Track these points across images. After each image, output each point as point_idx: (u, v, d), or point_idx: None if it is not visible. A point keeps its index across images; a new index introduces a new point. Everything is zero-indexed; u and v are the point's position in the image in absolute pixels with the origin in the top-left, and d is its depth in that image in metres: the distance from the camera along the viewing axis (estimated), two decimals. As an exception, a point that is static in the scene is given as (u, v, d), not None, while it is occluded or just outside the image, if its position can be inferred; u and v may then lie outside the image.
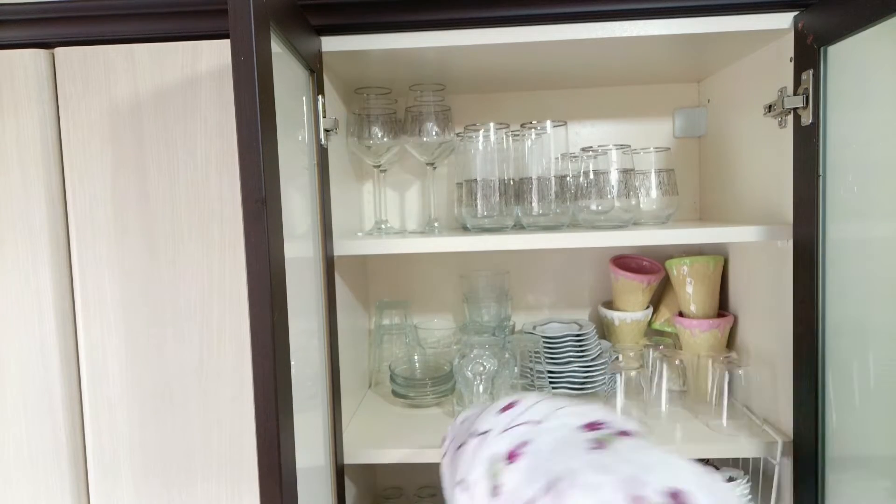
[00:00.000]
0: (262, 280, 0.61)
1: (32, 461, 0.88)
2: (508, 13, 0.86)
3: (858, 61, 0.73)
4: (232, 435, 0.87)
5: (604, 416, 0.56)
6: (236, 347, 0.86)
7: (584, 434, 0.52)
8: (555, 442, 0.50)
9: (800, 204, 0.84)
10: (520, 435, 0.52)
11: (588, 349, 1.13)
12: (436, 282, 1.30)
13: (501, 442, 0.52)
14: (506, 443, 0.52)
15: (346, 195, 1.09)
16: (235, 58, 0.59)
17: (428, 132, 1.01)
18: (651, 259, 1.22)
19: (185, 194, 0.85)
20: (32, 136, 0.85)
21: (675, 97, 1.24)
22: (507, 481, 0.49)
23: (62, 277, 0.87)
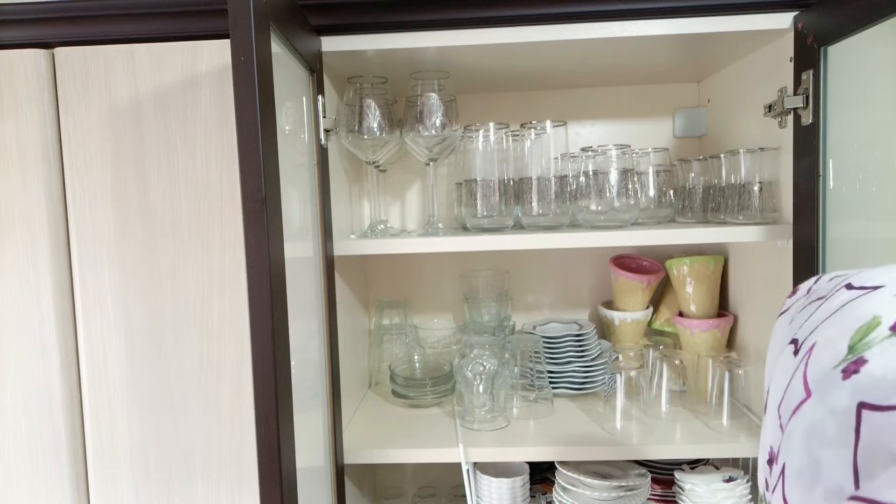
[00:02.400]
0: (262, 280, 0.61)
1: (32, 461, 0.88)
2: (508, 13, 0.86)
3: (858, 61, 0.73)
4: (232, 435, 0.87)
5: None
6: (236, 347, 0.86)
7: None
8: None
9: (800, 204, 0.84)
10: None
11: (588, 349, 1.13)
12: (436, 282, 1.30)
13: (892, 306, 0.31)
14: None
15: (346, 195, 1.08)
16: (235, 58, 0.59)
17: (431, 125, 0.95)
18: (651, 259, 1.22)
19: (185, 194, 0.85)
20: (32, 136, 0.85)
21: (675, 97, 1.24)
22: (879, 360, 0.28)
23: (62, 277, 0.87)
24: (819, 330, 0.34)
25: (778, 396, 0.35)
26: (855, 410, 0.28)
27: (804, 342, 0.35)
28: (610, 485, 0.95)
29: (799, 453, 0.31)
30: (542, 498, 1.10)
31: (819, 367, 0.32)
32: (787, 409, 0.34)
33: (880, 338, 0.29)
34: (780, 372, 0.37)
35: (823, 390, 0.31)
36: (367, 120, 0.97)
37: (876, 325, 0.30)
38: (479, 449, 0.93)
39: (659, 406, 1.04)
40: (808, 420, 0.31)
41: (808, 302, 0.40)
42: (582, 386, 1.11)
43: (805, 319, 0.37)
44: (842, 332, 0.32)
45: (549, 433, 0.97)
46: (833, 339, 0.32)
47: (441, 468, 1.31)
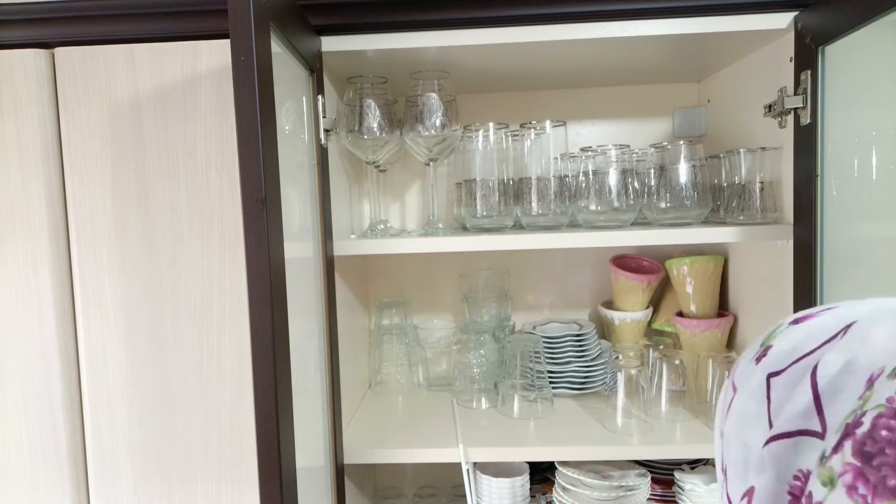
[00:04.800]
0: (262, 280, 0.61)
1: (32, 461, 0.88)
2: (508, 13, 0.86)
3: (856, 60, 0.73)
4: (232, 435, 0.87)
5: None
6: (236, 347, 0.86)
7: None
8: (875, 306, 0.32)
9: (800, 204, 0.84)
10: (825, 306, 0.35)
11: (588, 349, 1.13)
12: (436, 282, 1.30)
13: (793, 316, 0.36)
14: (801, 313, 0.36)
15: (346, 195, 1.08)
16: (235, 58, 0.59)
17: (431, 125, 0.95)
18: (651, 259, 1.22)
19: (185, 194, 0.85)
20: (32, 136, 0.85)
21: (675, 97, 1.24)
22: (780, 342, 0.33)
23: (62, 277, 0.87)
24: (738, 362, 0.38)
25: (720, 419, 0.38)
26: (765, 382, 0.33)
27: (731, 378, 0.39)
28: (610, 485, 0.95)
29: (735, 447, 0.34)
30: (542, 498, 1.10)
31: (740, 368, 0.36)
32: (722, 418, 0.36)
33: (781, 329, 0.35)
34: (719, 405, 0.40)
35: (744, 381, 0.35)
36: (367, 120, 0.97)
37: (779, 326, 0.36)
38: (479, 449, 0.93)
39: (659, 406, 1.04)
40: (737, 412, 0.34)
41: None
42: (582, 386, 1.11)
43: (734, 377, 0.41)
44: (756, 342, 0.37)
45: (549, 433, 0.97)
46: (751, 348, 0.37)
47: (441, 468, 1.31)
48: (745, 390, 0.34)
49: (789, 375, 0.31)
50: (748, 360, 0.36)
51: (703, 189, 0.95)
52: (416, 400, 1.17)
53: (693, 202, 0.94)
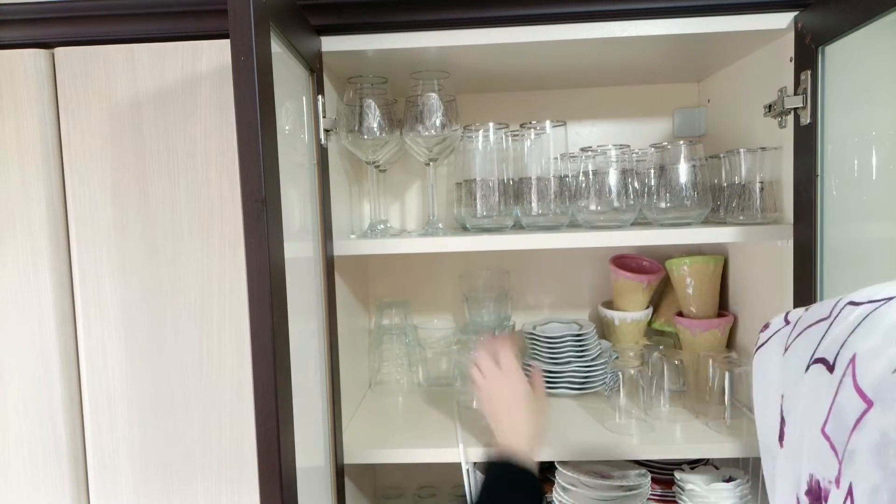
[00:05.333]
0: (262, 280, 0.61)
1: (32, 461, 0.88)
2: (508, 13, 0.86)
3: (856, 60, 0.73)
4: (232, 435, 0.87)
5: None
6: (236, 347, 0.86)
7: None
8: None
9: (800, 204, 0.84)
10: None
11: (588, 349, 1.13)
12: (436, 282, 1.30)
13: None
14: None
15: (346, 195, 1.08)
16: (235, 58, 0.59)
17: (431, 125, 0.95)
18: (651, 259, 1.22)
19: (185, 194, 0.85)
20: (32, 136, 0.85)
21: (675, 97, 1.24)
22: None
23: (62, 277, 0.87)
24: (850, 344, 0.33)
25: (818, 417, 0.34)
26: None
27: (837, 358, 0.34)
28: (610, 485, 0.95)
29: (871, 469, 0.29)
30: (542, 498, 1.10)
31: (874, 376, 0.31)
32: (841, 428, 0.32)
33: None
34: (808, 394, 0.35)
35: (888, 396, 0.29)
36: (367, 120, 0.97)
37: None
38: (479, 449, 0.93)
39: (659, 406, 1.04)
40: (876, 431, 0.29)
41: (802, 328, 0.39)
42: (582, 386, 1.11)
43: (817, 340, 0.36)
44: (885, 339, 0.31)
45: (549, 433, 0.97)
46: (879, 347, 0.31)
47: (441, 468, 1.31)
48: (890, 409, 0.29)
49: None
50: (886, 367, 0.30)
51: (703, 189, 0.95)
52: (416, 400, 1.17)
53: (693, 202, 0.94)
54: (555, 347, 1.12)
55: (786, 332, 0.41)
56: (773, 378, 0.41)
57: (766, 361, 0.42)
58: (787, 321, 0.42)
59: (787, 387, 0.38)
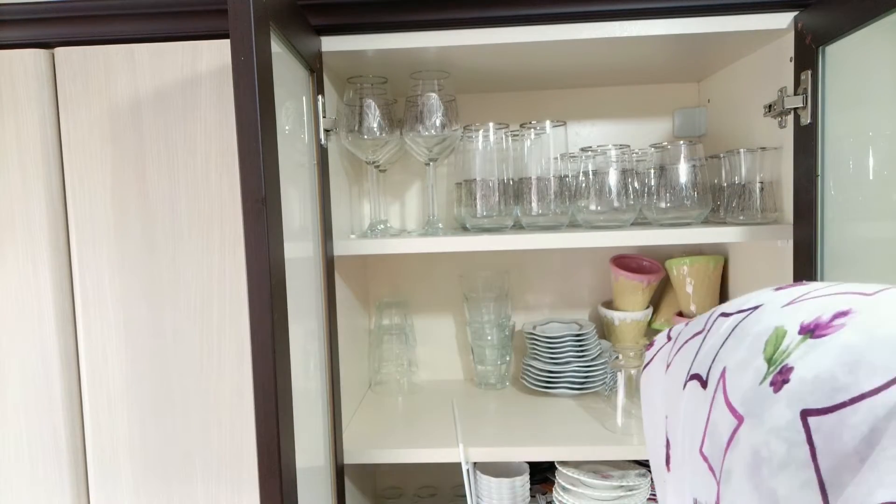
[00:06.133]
0: (262, 280, 0.61)
1: (32, 461, 0.88)
2: (508, 13, 0.86)
3: (856, 60, 0.73)
4: (232, 435, 0.87)
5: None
6: (236, 347, 0.86)
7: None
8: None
9: (800, 204, 0.84)
10: (832, 305, 0.29)
11: (588, 349, 1.13)
12: (436, 282, 1.30)
13: (791, 314, 0.30)
14: (802, 314, 0.29)
15: (346, 195, 1.09)
16: (235, 58, 0.59)
17: (431, 125, 0.95)
18: (651, 259, 1.22)
19: (185, 194, 0.85)
20: (32, 136, 0.85)
21: (675, 97, 1.24)
22: (805, 364, 0.26)
23: (62, 277, 0.87)
24: (721, 357, 0.32)
25: (696, 437, 0.32)
26: (800, 421, 0.26)
27: (710, 372, 0.32)
28: (610, 485, 0.95)
29: (747, 490, 0.27)
30: (542, 498, 1.10)
31: (742, 389, 0.29)
32: (717, 447, 0.30)
33: (794, 343, 0.28)
34: (686, 413, 0.33)
35: (757, 410, 0.28)
36: (367, 120, 0.97)
37: (782, 334, 0.29)
38: (479, 449, 0.93)
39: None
40: (748, 448, 0.28)
41: (680, 344, 0.37)
42: (582, 386, 1.11)
43: (693, 355, 0.35)
44: (751, 351, 0.30)
45: (549, 433, 0.97)
46: (745, 359, 0.30)
47: (441, 468, 1.31)
48: (760, 424, 0.28)
49: (845, 421, 0.24)
50: (753, 380, 0.29)
51: (703, 189, 0.95)
52: (416, 400, 1.17)
53: (693, 202, 0.94)
54: (555, 347, 1.12)
55: (667, 349, 0.39)
56: (657, 399, 0.39)
57: (651, 382, 0.40)
58: (669, 337, 0.41)
59: (670, 407, 0.37)
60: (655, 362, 0.40)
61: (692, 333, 0.37)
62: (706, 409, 0.32)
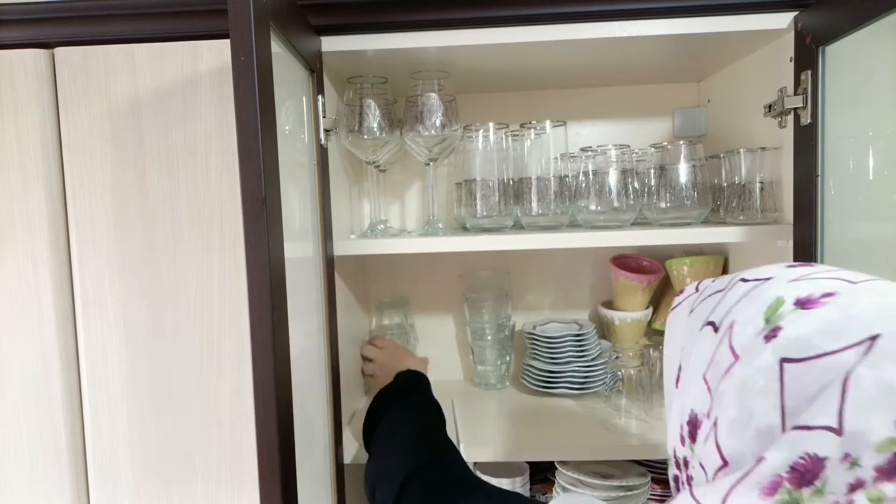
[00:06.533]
0: (262, 280, 0.61)
1: (32, 461, 0.88)
2: (508, 13, 0.86)
3: (856, 61, 0.73)
4: (232, 435, 0.87)
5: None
6: (236, 347, 0.86)
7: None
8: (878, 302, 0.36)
9: (800, 204, 0.84)
10: (823, 286, 0.39)
11: (588, 349, 1.13)
12: (436, 282, 1.30)
13: (792, 288, 0.40)
14: (800, 290, 0.39)
15: (346, 195, 1.08)
16: (235, 58, 0.59)
17: (431, 125, 0.95)
18: (651, 259, 1.22)
19: (185, 194, 0.85)
20: (32, 136, 0.85)
21: (675, 97, 1.24)
22: (792, 327, 0.37)
23: (62, 277, 0.87)
24: (733, 312, 0.42)
25: (702, 366, 0.43)
26: (778, 365, 0.36)
27: (722, 322, 0.43)
28: (610, 485, 0.95)
29: (732, 406, 0.38)
30: (542, 498, 1.10)
31: (743, 337, 0.40)
32: (716, 374, 0.40)
33: (787, 311, 0.38)
34: (699, 348, 0.44)
35: (750, 354, 0.38)
36: (367, 120, 0.97)
37: (781, 303, 0.39)
38: (479, 449, 0.93)
39: (659, 406, 1.04)
40: (738, 378, 0.38)
41: (704, 296, 0.48)
42: (582, 386, 1.11)
43: (713, 307, 0.45)
44: (757, 311, 0.40)
45: (549, 433, 0.97)
46: (751, 316, 0.40)
47: (441, 468, 1.31)
48: (750, 363, 0.38)
49: (809, 371, 0.35)
50: (753, 332, 0.39)
51: (703, 189, 0.95)
52: (416, 400, 1.16)
53: (693, 202, 0.94)
54: (555, 347, 1.12)
55: (693, 298, 0.50)
56: (678, 333, 0.50)
57: (676, 320, 0.52)
58: (697, 289, 0.51)
59: (687, 341, 0.47)
60: (683, 306, 0.52)
61: (715, 290, 0.47)
62: (714, 347, 0.42)
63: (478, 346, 1.20)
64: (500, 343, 1.19)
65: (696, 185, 0.95)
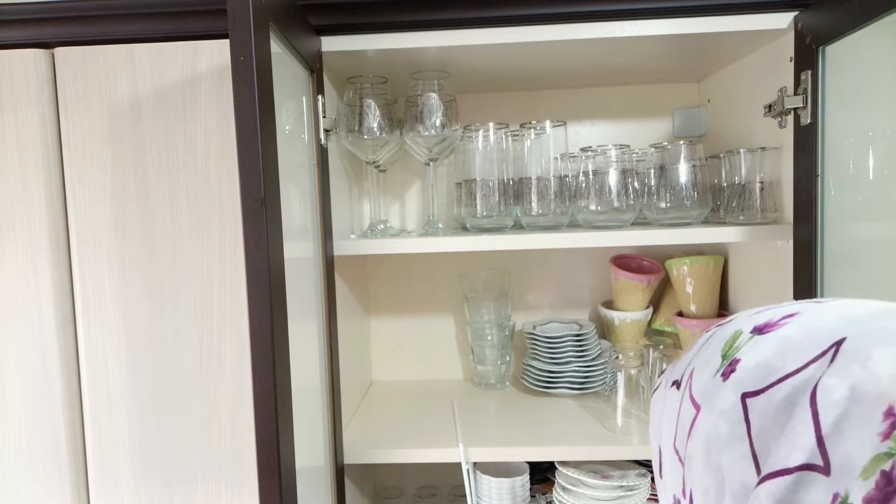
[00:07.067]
0: (261, 280, 0.61)
1: (32, 461, 0.88)
2: (508, 13, 0.86)
3: (856, 60, 0.73)
4: (232, 434, 0.87)
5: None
6: (236, 347, 0.86)
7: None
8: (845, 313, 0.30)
9: (800, 204, 0.84)
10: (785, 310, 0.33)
11: (588, 349, 1.13)
12: (436, 282, 1.30)
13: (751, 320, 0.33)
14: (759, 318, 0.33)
15: (346, 195, 1.08)
16: (235, 58, 0.59)
17: (431, 125, 0.95)
18: (651, 259, 1.22)
19: (185, 194, 0.85)
20: (32, 136, 0.85)
21: (675, 97, 1.24)
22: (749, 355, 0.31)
23: (62, 277, 0.87)
24: (693, 362, 0.36)
25: (671, 435, 0.35)
26: (740, 402, 0.29)
27: (683, 376, 0.36)
28: (610, 485, 0.95)
29: (701, 471, 0.31)
30: (542, 498, 1.10)
31: (701, 383, 0.33)
32: (683, 437, 0.33)
33: (745, 341, 0.32)
34: (668, 415, 0.37)
35: (710, 399, 0.32)
36: (367, 120, 0.97)
37: (738, 335, 0.33)
38: (479, 449, 0.93)
39: (659, 406, 1.03)
40: (703, 433, 0.31)
41: (675, 364, 0.41)
42: (582, 386, 1.11)
43: (680, 367, 0.39)
44: (714, 350, 0.34)
45: (549, 433, 0.97)
46: (707, 359, 0.34)
47: (441, 468, 1.31)
48: (711, 410, 0.31)
49: (772, 398, 0.28)
50: (710, 374, 0.33)
51: (703, 189, 0.95)
52: (416, 400, 1.16)
53: (693, 202, 0.94)
54: (555, 347, 1.12)
55: (668, 370, 0.43)
56: (656, 414, 0.41)
57: (655, 402, 0.43)
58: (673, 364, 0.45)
59: (657, 416, 0.39)
60: (660, 384, 0.44)
61: (686, 353, 0.40)
62: (677, 405, 0.35)
63: (478, 346, 1.20)
64: (500, 343, 1.19)
65: (696, 185, 0.95)
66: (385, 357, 1.31)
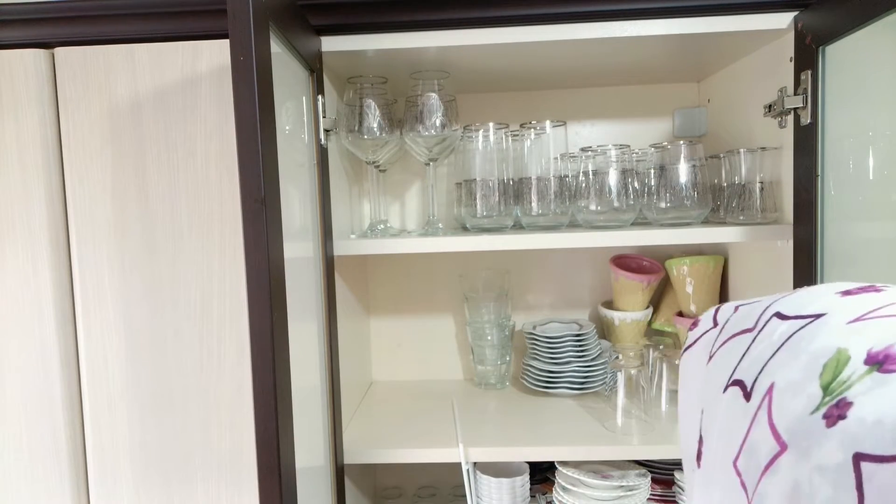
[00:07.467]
0: (261, 280, 0.61)
1: (32, 461, 0.88)
2: (508, 13, 0.86)
3: (856, 60, 0.73)
4: (232, 434, 0.87)
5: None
6: (236, 347, 0.86)
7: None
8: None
9: (800, 204, 0.84)
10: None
11: (588, 349, 1.13)
12: (436, 282, 1.30)
13: (857, 334, 0.26)
14: (871, 337, 0.25)
15: (346, 195, 1.08)
16: (235, 58, 0.59)
17: (431, 125, 0.96)
18: (651, 259, 1.22)
19: (185, 194, 0.85)
20: (32, 136, 0.85)
21: (675, 97, 1.24)
22: (869, 403, 0.23)
23: (62, 277, 0.87)
24: (770, 369, 0.29)
25: (731, 450, 0.30)
26: (852, 465, 0.23)
27: (755, 384, 0.30)
28: (610, 485, 0.95)
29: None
30: (542, 498, 1.10)
31: (791, 415, 0.27)
32: (753, 466, 0.28)
33: (858, 374, 0.25)
34: (725, 418, 0.31)
35: (804, 443, 0.26)
36: (367, 120, 0.97)
37: (846, 360, 0.26)
38: (479, 449, 0.93)
39: (659, 406, 1.04)
40: (789, 480, 0.26)
41: (727, 336, 0.34)
42: (582, 386, 1.11)
43: (739, 356, 0.32)
44: (806, 373, 0.27)
45: (549, 433, 0.97)
46: (798, 382, 0.27)
47: (441, 468, 1.31)
48: (806, 458, 0.25)
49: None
50: (804, 408, 0.26)
51: (703, 189, 0.95)
52: (416, 400, 1.16)
53: (693, 202, 0.94)
54: (555, 347, 1.12)
55: (712, 337, 0.36)
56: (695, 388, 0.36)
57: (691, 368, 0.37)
58: (715, 322, 0.37)
59: (707, 403, 0.34)
60: (697, 348, 0.37)
61: (741, 329, 0.33)
62: (746, 423, 0.29)
63: (478, 346, 1.20)
64: (500, 343, 1.19)
65: (696, 185, 0.95)
66: (385, 357, 1.31)
